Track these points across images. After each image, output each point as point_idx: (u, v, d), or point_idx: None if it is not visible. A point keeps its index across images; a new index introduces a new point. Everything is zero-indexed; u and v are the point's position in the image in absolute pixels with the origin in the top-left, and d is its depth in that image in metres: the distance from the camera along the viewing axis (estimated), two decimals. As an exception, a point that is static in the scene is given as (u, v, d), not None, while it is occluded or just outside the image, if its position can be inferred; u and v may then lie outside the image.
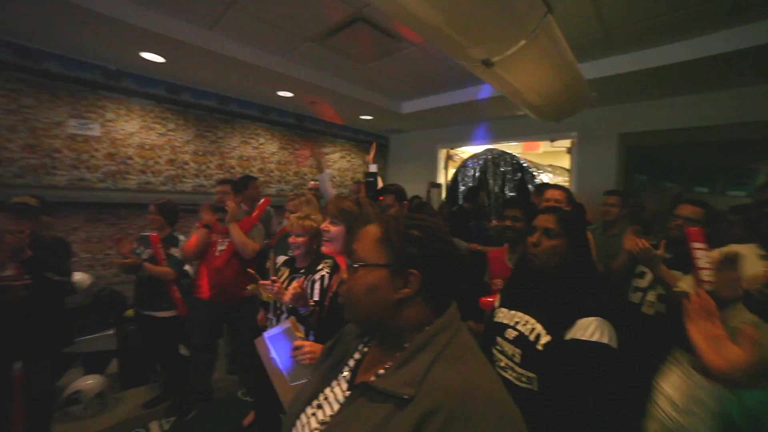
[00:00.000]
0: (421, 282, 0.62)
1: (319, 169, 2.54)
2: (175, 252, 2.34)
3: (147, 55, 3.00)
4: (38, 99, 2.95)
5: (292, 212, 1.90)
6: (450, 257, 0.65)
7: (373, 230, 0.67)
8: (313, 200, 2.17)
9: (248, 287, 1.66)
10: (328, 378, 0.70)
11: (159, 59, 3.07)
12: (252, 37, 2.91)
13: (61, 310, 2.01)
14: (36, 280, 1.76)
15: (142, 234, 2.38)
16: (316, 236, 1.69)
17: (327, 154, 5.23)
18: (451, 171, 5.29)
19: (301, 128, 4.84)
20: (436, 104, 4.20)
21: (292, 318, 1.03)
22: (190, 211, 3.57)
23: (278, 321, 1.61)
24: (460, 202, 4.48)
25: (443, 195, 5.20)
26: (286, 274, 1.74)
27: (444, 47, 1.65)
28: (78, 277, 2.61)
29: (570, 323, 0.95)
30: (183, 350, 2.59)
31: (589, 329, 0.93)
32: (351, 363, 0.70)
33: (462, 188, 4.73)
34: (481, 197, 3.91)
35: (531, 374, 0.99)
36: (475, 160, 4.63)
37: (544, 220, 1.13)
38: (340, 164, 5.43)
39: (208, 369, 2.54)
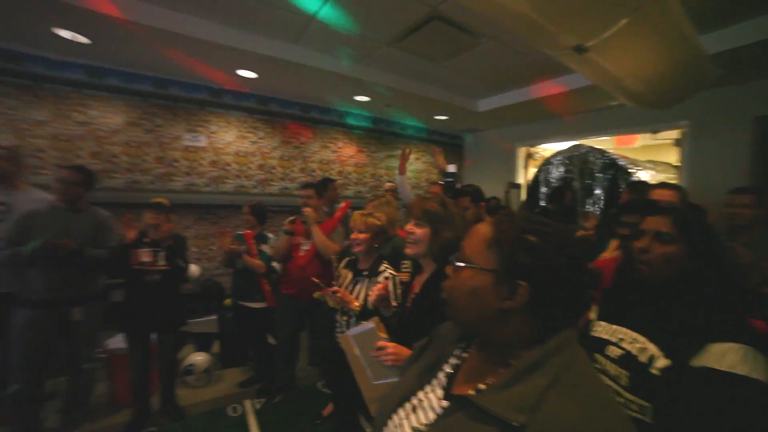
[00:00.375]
0: (529, 295, 0.54)
1: (401, 170, 2.58)
2: (265, 248, 2.58)
3: (242, 72, 3.37)
4: (165, 119, 3.55)
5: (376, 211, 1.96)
6: (573, 273, 0.55)
7: (484, 229, 0.61)
8: (393, 201, 2.21)
9: (314, 294, 1.70)
10: (422, 380, 0.67)
11: (252, 75, 3.42)
12: (331, 47, 3.08)
13: (180, 294, 2.37)
14: (169, 266, 2.15)
15: (237, 232, 2.68)
16: (378, 234, 1.70)
17: (400, 155, 5.30)
18: (532, 170, 4.93)
19: (376, 131, 4.97)
20: (515, 100, 3.97)
21: (377, 318, 1.05)
22: (278, 212, 3.91)
23: (348, 325, 1.65)
24: (543, 203, 4.15)
25: (523, 196, 4.88)
26: (350, 277, 1.77)
27: (529, 36, 1.54)
28: (191, 267, 3.04)
29: (697, 347, 0.79)
30: (271, 340, 2.84)
31: (727, 358, 0.75)
32: (447, 368, 0.66)
33: (544, 189, 4.37)
34: (566, 198, 3.56)
35: (644, 402, 0.85)
36: (560, 158, 4.24)
37: (656, 223, 0.96)
38: (415, 165, 5.44)
39: (291, 359, 2.74)
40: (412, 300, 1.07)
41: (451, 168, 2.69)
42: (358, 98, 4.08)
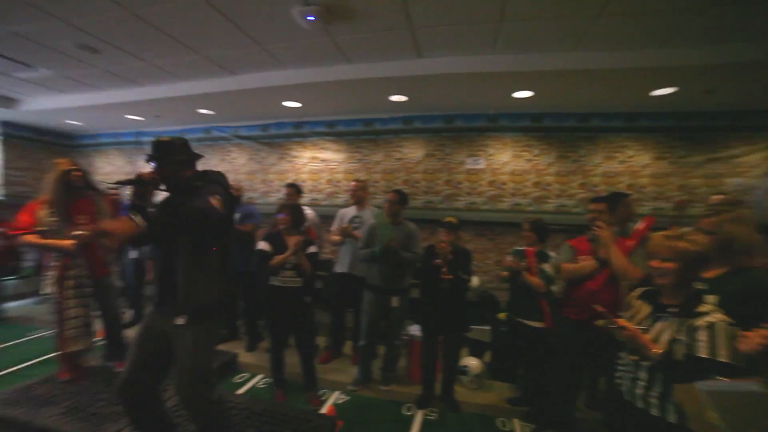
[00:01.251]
0: None
1: None
2: (546, 267, 2.47)
3: (518, 94, 3.49)
4: (452, 148, 4.26)
5: (709, 231, 1.44)
6: None
7: None
8: (748, 217, 1.51)
9: (598, 322, 1.42)
10: None
11: (528, 94, 3.48)
12: (622, 40, 2.65)
13: (466, 302, 2.68)
14: (454, 276, 2.47)
15: (516, 248, 2.73)
16: (694, 264, 1.25)
17: (736, 156, 3.74)
18: None
19: (685, 129, 3.79)
20: None
21: (760, 379, 0.73)
22: (554, 231, 3.70)
23: (637, 371, 1.30)
24: None
25: None
26: (645, 311, 1.36)
27: None
28: (473, 279, 3.37)
29: None
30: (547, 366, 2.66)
31: None
32: None
33: None
34: None
35: None
36: None
37: None
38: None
39: (570, 394, 2.44)
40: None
41: None
42: (658, 92, 3.27)
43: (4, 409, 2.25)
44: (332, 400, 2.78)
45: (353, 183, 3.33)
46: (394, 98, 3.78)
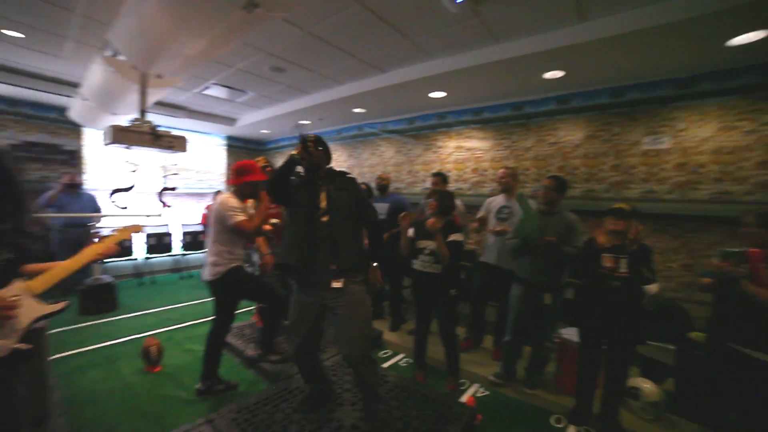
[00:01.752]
0: None
1: None
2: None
3: (738, 40, 2.54)
4: (622, 126, 3.54)
5: None
6: None
7: None
8: None
9: None
10: None
11: (756, 37, 2.49)
12: None
13: (640, 308, 2.19)
14: (634, 274, 2.08)
15: (727, 249, 2.03)
16: None
17: None
18: None
19: None
20: None
21: None
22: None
23: None
24: None
25: None
26: None
27: None
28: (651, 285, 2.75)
29: None
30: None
31: None
32: None
33: None
34: None
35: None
36: None
37: None
38: None
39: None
40: None
41: None
42: None
43: (231, 339, 3.21)
44: (471, 391, 2.73)
45: (501, 170, 3.12)
46: (549, 75, 3.37)
